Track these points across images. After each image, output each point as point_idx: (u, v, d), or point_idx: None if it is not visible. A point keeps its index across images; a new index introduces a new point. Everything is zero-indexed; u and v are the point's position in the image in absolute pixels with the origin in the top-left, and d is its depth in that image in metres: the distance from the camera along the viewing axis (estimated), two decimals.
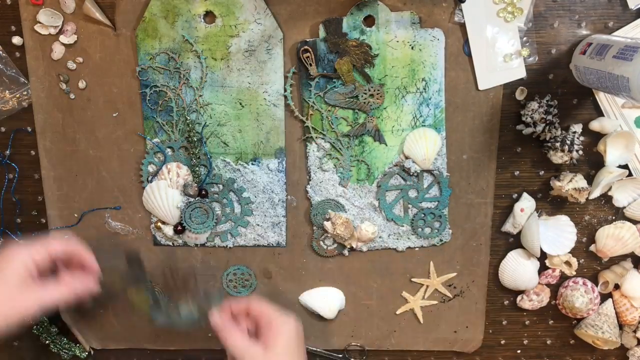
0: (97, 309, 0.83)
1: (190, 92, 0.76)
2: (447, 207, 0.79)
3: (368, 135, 0.76)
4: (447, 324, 0.83)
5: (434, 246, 0.80)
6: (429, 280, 0.81)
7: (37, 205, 0.81)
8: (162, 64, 0.75)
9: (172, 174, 0.77)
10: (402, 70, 0.74)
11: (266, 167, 0.78)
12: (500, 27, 0.73)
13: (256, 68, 0.75)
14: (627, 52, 0.61)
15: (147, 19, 0.73)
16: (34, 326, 0.82)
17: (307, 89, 0.75)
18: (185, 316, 0.75)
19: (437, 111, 0.76)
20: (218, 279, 0.82)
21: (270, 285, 0.83)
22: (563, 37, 0.73)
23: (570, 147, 0.74)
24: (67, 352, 0.83)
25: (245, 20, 0.73)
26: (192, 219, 0.78)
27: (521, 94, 0.75)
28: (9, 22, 0.75)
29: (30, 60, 0.76)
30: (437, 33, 0.73)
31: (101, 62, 0.76)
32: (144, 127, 0.77)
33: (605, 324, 0.80)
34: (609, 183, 0.75)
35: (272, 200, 0.79)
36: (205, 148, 0.77)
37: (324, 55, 0.74)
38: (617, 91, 0.63)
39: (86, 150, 0.79)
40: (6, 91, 0.77)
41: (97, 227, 0.81)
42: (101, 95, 0.77)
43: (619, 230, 0.77)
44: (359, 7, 0.72)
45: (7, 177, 0.80)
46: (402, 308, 0.83)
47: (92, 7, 0.73)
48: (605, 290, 0.81)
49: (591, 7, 0.72)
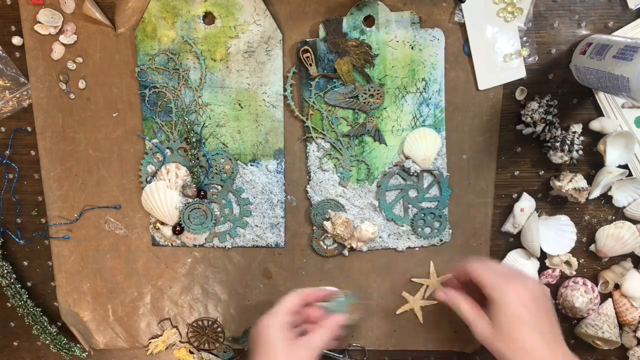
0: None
1: (190, 93, 0.76)
2: (447, 207, 0.79)
3: (368, 135, 0.76)
4: (447, 324, 0.83)
5: (434, 246, 0.80)
6: (429, 280, 0.81)
7: (37, 205, 0.81)
8: (162, 64, 0.75)
9: (171, 174, 0.77)
10: (402, 70, 0.74)
11: (265, 168, 0.78)
12: (500, 27, 0.73)
13: (255, 69, 0.75)
14: (627, 52, 0.61)
15: (146, 19, 0.73)
16: (34, 326, 0.82)
17: (307, 89, 0.75)
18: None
19: (437, 111, 0.76)
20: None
21: (270, 286, 0.83)
22: (563, 37, 0.73)
23: (570, 147, 0.74)
24: (67, 352, 0.83)
25: (244, 21, 0.73)
26: (191, 220, 0.78)
27: (521, 94, 0.75)
28: (9, 22, 0.75)
29: (30, 60, 0.76)
30: (437, 33, 0.73)
31: (101, 62, 0.76)
32: (143, 128, 0.77)
33: (605, 323, 0.80)
34: (609, 183, 0.75)
35: (271, 201, 0.79)
36: (204, 149, 0.77)
37: (324, 55, 0.74)
38: (617, 91, 0.63)
39: (86, 150, 0.79)
40: (6, 91, 0.77)
41: (97, 227, 0.81)
42: (101, 95, 0.77)
43: (619, 230, 0.77)
44: (359, 7, 0.72)
45: (7, 177, 0.81)
46: (402, 308, 0.83)
47: (92, 7, 0.73)
48: (605, 290, 0.81)
49: (591, 7, 0.72)
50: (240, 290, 0.83)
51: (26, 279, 0.84)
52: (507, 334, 0.61)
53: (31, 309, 0.82)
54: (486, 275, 0.64)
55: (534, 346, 0.60)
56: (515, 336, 0.60)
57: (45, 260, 0.83)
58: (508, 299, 0.61)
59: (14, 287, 0.81)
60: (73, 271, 0.82)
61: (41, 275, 0.84)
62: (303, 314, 0.70)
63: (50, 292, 0.84)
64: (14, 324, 0.86)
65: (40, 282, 0.84)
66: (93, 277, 0.83)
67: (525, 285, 0.63)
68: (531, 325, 0.61)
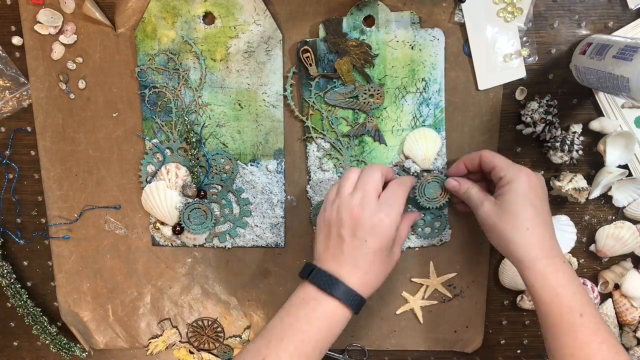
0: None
1: (190, 93, 0.76)
2: (447, 207, 0.79)
3: (368, 135, 0.76)
4: (447, 324, 0.83)
5: (434, 246, 0.80)
6: (429, 280, 0.81)
7: (37, 205, 0.81)
8: (162, 64, 0.75)
9: (171, 174, 0.77)
10: (402, 70, 0.74)
11: (265, 168, 0.78)
12: (500, 27, 0.73)
13: (255, 69, 0.75)
14: (627, 52, 0.61)
15: (146, 19, 0.73)
16: (34, 326, 0.82)
17: (307, 89, 0.75)
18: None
19: (437, 111, 0.76)
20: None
21: (270, 285, 0.83)
22: (563, 37, 0.73)
23: (570, 147, 0.74)
24: (67, 352, 0.84)
25: (244, 21, 0.73)
26: (191, 220, 0.78)
27: (521, 94, 0.75)
28: (9, 22, 0.75)
29: (30, 60, 0.76)
30: (437, 33, 0.73)
31: (101, 62, 0.76)
32: (143, 128, 0.77)
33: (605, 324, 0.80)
34: (609, 183, 0.75)
35: (271, 201, 0.79)
36: (204, 149, 0.77)
37: (324, 55, 0.74)
38: (617, 91, 0.63)
39: (86, 150, 0.79)
40: (6, 91, 0.77)
41: (97, 227, 0.81)
42: (101, 95, 0.77)
43: (619, 230, 0.77)
44: (359, 7, 0.72)
45: (7, 177, 0.81)
46: (402, 308, 0.83)
47: (92, 7, 0.73)
48: (605, 290, 0.81)
49: (591, 7, 0.72)
50: (240, 291, 0.83)
51: (26, 279, 0.84)
52: (513, 212, 0.63)
53: (31, 309, 0.82)
54: (498, 158, 0.67)
55: (536, 227, 0.63)
56: (520, 214, 0.63)
57: (45, 260, 0.83)
58: (520, 179, 0.64)
59: (14, 287, 0.81)
60: (73, 271, 0.82)
61: (41, 275, 0.84)
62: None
63: (50, 292, 0.84)
64: (14, 324, 0.86)
65: (40, 282, 0.84)
66: (93, 277, 0.83)
67: (533, 174, 0.66)
68: (537, 208, 0.64)
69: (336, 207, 0.65)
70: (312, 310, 0.62)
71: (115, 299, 0.84)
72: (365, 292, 0.64)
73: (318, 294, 0.63)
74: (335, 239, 0.64)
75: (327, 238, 0.65)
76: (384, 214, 0.64)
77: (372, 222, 0.63)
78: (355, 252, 0.63)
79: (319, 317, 0.62)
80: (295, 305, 0.64)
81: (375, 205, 0.64)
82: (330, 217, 0.65)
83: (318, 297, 0.63)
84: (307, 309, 0.62)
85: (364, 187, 0.65)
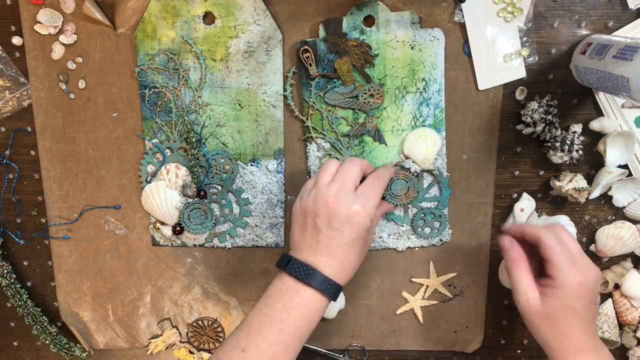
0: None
1: (190, 92, 0.76)
2: (447, 207, 0.79)
3: (368, 135, 0.76)
4: (447, 324, 0.83)
5: (434, 246, 0.80)
6: (429, 280, 0.81)
7: (37, 205, 0.81)
8: (162, 64, 0.75)
9: (171, 174, 0.77)
10: (402, 70, 0.74)
11: (265, 168, 0.78)
12: (500, 27, 0.73)
13: (255, 69, 0.75)
14: (627, 52, 0.61)
15: (146, 19, 0.73)
16: (34, 326, 0.82)
17: (307, 88, 0.75)
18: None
19: (437, 111, 0.76)
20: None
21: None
22: (563, 37, 0.73)
23: (570, 147, 0.74)
24: (67, 352, 0.84)
25: (244, 21, 0.73)
26: (191, 220, 0.78)
27: (521, 94, 0.75)
28: (9, 22, 0.75)
29: (30, 60, 0.76)
30: (437, 33, 0.73)
31: (101, 62, 0.76)
32: (143, 128, 0.77)
33: (605, 324, 0.80)
34: (609, 183, 0.75)
35: (271, 201, 0.79)
36: (204, 149, 0.77)
37: (324, 55, 0.74)
38: (617, 91, 0.63)
39: (86, 150, 0.79)
40: (6, 91, 0.77)
41: (97, 227, 0.81)
42: (101, 95, 0.77)
43: (619, 230, 0.77)
44: (359, 7, 0.72)
45: (7, 177, 0.81)
46: (402, 308, 0.83)
47: (92, 7, 0.73)
48: (605, 290, 0.81)
49: (591, 7, 0.72)
50: (240, 290, 0.83)
51: (26, 279, 0.84)
52: (555, 317, 0.62)
53: (31, 309, 0.82)
54: (556, 252, 0.62)
55: (574, 337, 0.62)
56: (562, 322, 0.62)
57: (45, 260, 0.83)
58: (570, 286, 0.61)
59: (14, 287, 0.81)
60: (73, 271, 0.82)
61: (41, 275, 0.84)
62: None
63: (50, 292, 0.84)
64: (14, 324, 0.86)
65: (40, 282, 0.84)
66: (93, 277, 0.83)
67: (589, 274, 0.62)
68: (581, 317, 0.62)
69: (312, 197, 0.65)
70: (289, 300, 0.63)
71: (115, 299, 0.84)
72: (341, 280, 0.65)
73: (295, 284, 0.63)
74: (311, 229, 0.65)
75: (303, 228, 0.65)
76: (359, 205, 0.64)
77: (347, 212, 0.63)
78: (331, 242, 0.64)
79: (296, 307, 0.63)
80: (272, 295, 0.64)
81: (351, 196, 0.64)
82: (306, 206, 0.65)
83: (296, 287, 0.63)
84: (284, 299, 0.63)
85: (342, 179, 0.65)
